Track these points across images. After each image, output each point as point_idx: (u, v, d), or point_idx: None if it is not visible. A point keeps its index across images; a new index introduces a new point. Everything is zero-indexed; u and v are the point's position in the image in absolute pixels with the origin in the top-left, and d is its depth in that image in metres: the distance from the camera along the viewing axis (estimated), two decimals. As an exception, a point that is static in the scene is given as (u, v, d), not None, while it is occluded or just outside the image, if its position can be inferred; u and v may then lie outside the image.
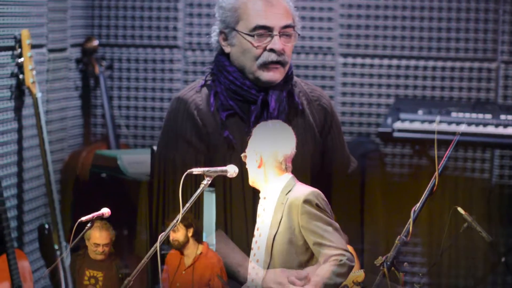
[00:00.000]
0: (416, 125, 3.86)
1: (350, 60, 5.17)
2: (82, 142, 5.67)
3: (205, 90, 2.94)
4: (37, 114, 4.24)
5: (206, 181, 3.14)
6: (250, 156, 3.12)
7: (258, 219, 3.18)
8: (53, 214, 4.33)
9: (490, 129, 3.81)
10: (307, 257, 2.97)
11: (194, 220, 3.91)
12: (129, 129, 5.68)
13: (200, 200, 3.38)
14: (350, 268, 2.90)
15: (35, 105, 4.24)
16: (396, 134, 3.88)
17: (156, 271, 3.24)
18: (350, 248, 3.71)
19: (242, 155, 3.14)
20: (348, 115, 4.97)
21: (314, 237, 2.89)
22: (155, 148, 3.33)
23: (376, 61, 5.06)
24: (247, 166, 3.15)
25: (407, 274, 3.42)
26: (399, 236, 3.96)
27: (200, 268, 3.67)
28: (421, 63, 4.73)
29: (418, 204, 4.09)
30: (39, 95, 4.24)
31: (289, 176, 3.11)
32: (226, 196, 3.61)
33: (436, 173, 4.16)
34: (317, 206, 2.93)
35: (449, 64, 4.70)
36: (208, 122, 2.91)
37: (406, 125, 3.85)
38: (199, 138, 2.92)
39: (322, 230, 2.88)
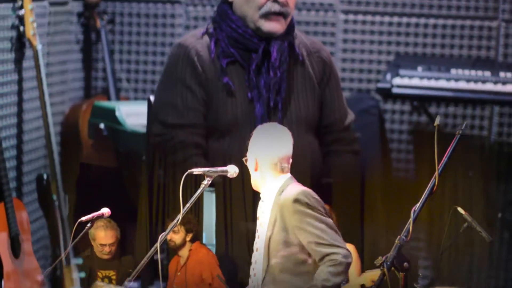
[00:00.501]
0: (415, 81, 3.79)
1: (351, 17, 5.03)
2: (82, 96, 5.62)
3: (206, 37, 2.94)
4: (37, 66, 4.16)
5: (207, 181, 3.14)
6: (249, 160, 3.14)
7: (257, 222, 3.19)
8: (52, 166, 4.30)
9: (489, 86, 3.78)
10: (304, 257, 2.97)
11: (196, 226, 3.97)
12: (130, 83, 5.61)
13: (200, 200, 3.40)
14: (347, 265, 2.90)
15: (36, 57, 4.15)
16: (395, 90, 3.84)
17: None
18: (351, 247, 3.77)
19: (244, 158, 3.15)
20: (348, 71, 4.88)
21: (307, 235, 2.89)
22: (152, 98, 3.27)
23: (377, 18, 4.93)
24: (251, 174, 3.17)
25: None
26: (399, 236, 4.00)
27: (191, 265, 3.76)
28: (422, 20, 4.64)
29: (418, 204, 4.10)
30: (39, 47, 4.14)
31: (286, 176, 3.11)
32: (226, 196, 3.64)
33: (436, 173, 4.14)
34: (308, 205, 2.92)
35: (450, 22, 4.61)
36: (207, 68, 2.90)
37: (405, 81, 3.79)
38: (199, 84, 2.96)
39: (314, 228, 2.88)
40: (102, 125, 4.39)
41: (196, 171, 3.19)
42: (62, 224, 4.28)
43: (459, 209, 4.60)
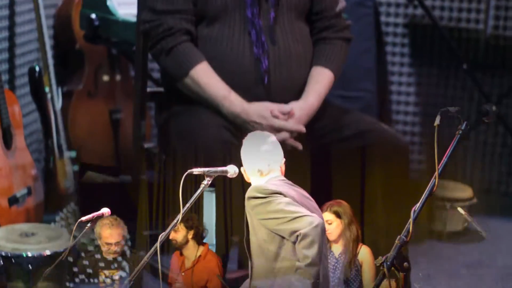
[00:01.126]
0: None
1: None
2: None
3: None
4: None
5: (207, 181, 3.11)
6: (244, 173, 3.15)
7: None
8: (45, 59, 4.27)
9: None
10: (277, 245, 2.88)
11: (196, 222, 3.96)
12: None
13: (200, 200, 3.40)
14: (316, 230, 2.74)
15: None
16: None
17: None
18: (367, 249, 3.71)
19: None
20: None
21: (269, 223, 2.86)
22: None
23: None
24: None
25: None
26: (399, 236, 4.00)
27: (199, 271, 3.73)
28: None
29: (418, 204, 4.10)
30: None
31: (265, 179, 3.06)
32: (226, 196, 3.71)
33: (436, 173, 4.16)
34: (258, 198, 2.90)
35: None
36: None
37: None
38: None
39: (271, 212, 2.84)
40: (93, 15, 4.24)
41: (196, 171, 3.18)
42: (55, 116, 4.25)
43: (459, 209, 4.66)
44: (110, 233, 3.82)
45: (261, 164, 3.07)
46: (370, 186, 3.44)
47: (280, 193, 2.91)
